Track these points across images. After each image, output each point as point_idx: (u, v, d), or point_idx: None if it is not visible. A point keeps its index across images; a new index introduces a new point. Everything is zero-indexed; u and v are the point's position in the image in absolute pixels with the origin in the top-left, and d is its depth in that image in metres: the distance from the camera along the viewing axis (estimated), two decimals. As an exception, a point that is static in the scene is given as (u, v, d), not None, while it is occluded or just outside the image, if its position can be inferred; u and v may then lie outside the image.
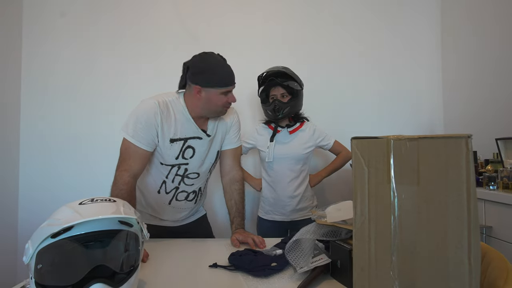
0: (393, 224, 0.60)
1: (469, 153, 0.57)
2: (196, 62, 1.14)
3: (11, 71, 2.02)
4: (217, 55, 1.18)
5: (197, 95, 1.15)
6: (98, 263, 0.65)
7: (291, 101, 1.61)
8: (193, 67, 1.14)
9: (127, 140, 1.13)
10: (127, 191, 1.09)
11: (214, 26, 2.17)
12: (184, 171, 1.25)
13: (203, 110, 1.19)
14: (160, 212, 1.30)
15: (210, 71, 1.13)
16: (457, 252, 0.57)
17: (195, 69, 1.13)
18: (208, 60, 1.14)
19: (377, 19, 2.28)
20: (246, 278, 0.86)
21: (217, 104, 1.17)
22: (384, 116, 2.26)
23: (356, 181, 0.65)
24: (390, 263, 0.60)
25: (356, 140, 0.66)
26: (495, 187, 1.52)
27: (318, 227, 0.93)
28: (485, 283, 0.72)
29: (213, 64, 1.14)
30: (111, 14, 2.13)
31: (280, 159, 1.63)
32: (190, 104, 1.19)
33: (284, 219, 1.64)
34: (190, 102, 1.19)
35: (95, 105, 2.11)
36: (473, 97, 2.05)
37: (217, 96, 1.16)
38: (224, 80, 1.15)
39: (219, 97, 1.16)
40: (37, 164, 2.07)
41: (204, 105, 1.17)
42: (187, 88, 1.19)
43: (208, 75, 1.13)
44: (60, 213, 0.67)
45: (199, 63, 1.14)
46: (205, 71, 1.13)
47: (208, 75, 1.13)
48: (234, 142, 1.36)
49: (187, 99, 1.20)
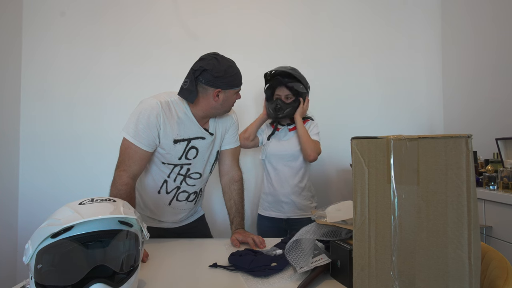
0: (393, 224, 0.61)
1: (469, 153, 0.57)
2: (216, 66, 1.13)
3: (11, 71, 2.02)
4: (225, 57, 1.20)
5: (215, 97, 1.16)
6: (98, 263, 0.65)
7: (294, 103, 1.62)
8: (213, 70, 1.12)
9: (128, 140, 1.11)
10: (126, 192, 1.09)
11: (214, 26, 2.17)
12: (187, 171, 1.24)
13: (215, 111, 1.20)
14: (159, 213, 1.29)
15: (229, 73, 1.15)
16: (457, 252, 0.57)
17: (217, 73, 1.12)
18: (226, 62, 1.16)
19: (377, 19, 2.28)
20: (246, 278, 0.86)
21: (230, 104, 1.23)
22: (384, 116, 2.26)
23: (356, 181, 0.65)
24: (390, 263, 0.60)
25: (356, 140, 0.66)
26: (495, 187, 1.52)
27: (318, 227, 0.93)
28: (485, 283, 0.72)
29: (231, 65, 1.17)
30: (111, 13, 2.13)
31: (277, 156, 1.64)
32: (199, 106, 1.17)
33: (280, 216, 1.64)
34: (199, 104, 1.17)
35: (95, 105, 2.10)
36: (473, 97, 2.05)
37: (233, 96, 1.21)
38: (239, 80, 1.21)
39: (233, 97, 1.22)
40: (37, 164, 2.07)
41: (219, 106, 1.19)
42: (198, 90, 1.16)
43: (229, 78, 1.15)
44: (60, 213, 0.67)
45: (220, 66, 1.13)
46: (226, 74, 1.14)
47: (229, 78, 1.15)
48: (233, 142, 1.36)
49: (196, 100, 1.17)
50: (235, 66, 1.19)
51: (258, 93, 2.05)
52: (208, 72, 1.12)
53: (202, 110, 1.18)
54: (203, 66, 1.12)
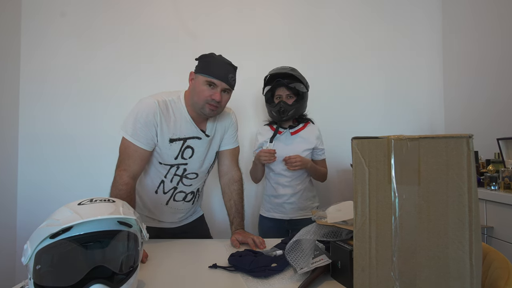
0: (394, 225, 0.60)
1: (470, 153, 0.57)
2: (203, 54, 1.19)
3: (10, 70, 2.01)
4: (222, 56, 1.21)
5: (190, 82, 1.20)
6: (97, 263, 0.65)
7: (297, 103, 1.61)
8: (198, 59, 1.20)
9: (126, 139, 1.12)
10: (126, 192, 1.09)
11: (214, 25, 2.17)
12: (183, 171, 1.25)
13: (192, 102, 1.18)
14: (157, 213, 1.29)
15: (205, 59, 1.17)
16: (458, 253, 0.57)
17: (198, 58, 1.19)
18: (212, 55, 1.19)
19: (378, 19, 2.27)
20: (246, 279, 0.86)
21: (199, 95, 1.14)
22: (384, 116, 2.26)
23: (357, 181, 0.65)
24: (391, 263, 0.60)
25: (356, 140, 0.66)
26: (496, 187, 1.51)
27: (319, 228, 0.92)
28: (486, 283, 0.72)
29: (212, 56, 1.19)
30: (111, 13, 2.13)
31: (281, 160, 1.63)
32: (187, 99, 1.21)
33: (283, 217, 1.64)
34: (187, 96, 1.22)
35: (94, 104, 2.10)
36: (474, 97, 2.05)
37: (201, 85, 1.14)
38: (212, 69, 1.13)
39: (203, 88, 1.13)
40: (36, 164, 2.06)
41: (191, 95, 1.18)
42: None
43: (203, 62, 1.17)
44: (59, 214, 0.66)
45: (204, 54, 1.19)
46: (202, 58, 1.18)
47: (203, 62, 1.17)
48: (232, 143, 1.36)
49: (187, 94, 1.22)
50: (220, 58, 1.18)
51: (257, 92, 2.05)
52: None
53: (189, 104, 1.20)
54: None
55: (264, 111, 1.93)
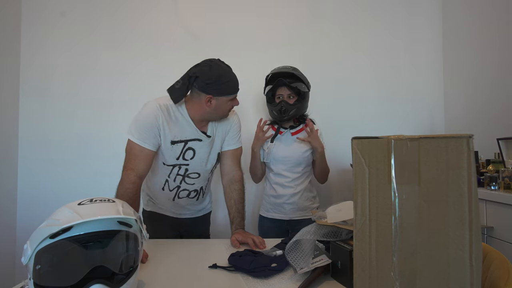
0: (394, 225, 0.60)
1: (470, 153, 0.57)
2: (207, 73, 1.16)
3: (10, 71, 2.02)
4: (222, 63, 1.21)
5: (207, 103, 1.20)
6: (97, 263, 0.65)
7: (298, 103, 1.61)
8: (204, 77, 1.16)
9: (132, 141, 1.18)
10: (133, 190, 1.13)
11: (214, 26, 2.17)
12: (185, 171, 1.30)
13: (210, 115, 1.25)
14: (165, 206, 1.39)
15: (221, 81, 1.18)
16: (458, 253, 0.57)
17: (208, 80, 1.16)
18: (218, 70, 1.18)
19: (378, 18, 2.27)
20: (246, 279, 0.86)
21: (224, 110, 1.25)
22: (384, 116, 2.26)
23: (357, 181, 0.65)
24: (391, 263, 0.60)
25: (356, 140, 0.66)
26: (496, 187, 1.51)
27: (319, 228, 0.92)
28: (486, 283, 0.72)
29: (223, 73, 1.18)
30: (111, 13, 2.13)
31: (281, 161, 1.63)
32: (195, 110, 1.23)
33: (282, 218, 1.64)
34: (195, 108, 1.23)
35: (94, 105, 2.10)
36: (474, 97, 2.05)
37: (226, 103, 1.23)
38: (233, 88, 1.22)
39: (227, 104, 1.24)
40: (36, 164, 2.06)
41: (212, 111, 1.23)
42: (193, 95, 1.22)
43: (220, 85, 1.18)
44: (59, 214, 0.66)
45: (211, 74, 1.16)
46: (217, 81, 1.17)
47: (220, 85, 1.18)
48: (234, 143, 1.38)
49: (191, 104, 1.23)
50: (230, 73, 1.21)
51: (257, 93, 2.05)
52: (199, 79, 1.16)
53: (197, 114, 1.24)
54: (196, 73, 1.17)
55: (265, 112, 1.93)
